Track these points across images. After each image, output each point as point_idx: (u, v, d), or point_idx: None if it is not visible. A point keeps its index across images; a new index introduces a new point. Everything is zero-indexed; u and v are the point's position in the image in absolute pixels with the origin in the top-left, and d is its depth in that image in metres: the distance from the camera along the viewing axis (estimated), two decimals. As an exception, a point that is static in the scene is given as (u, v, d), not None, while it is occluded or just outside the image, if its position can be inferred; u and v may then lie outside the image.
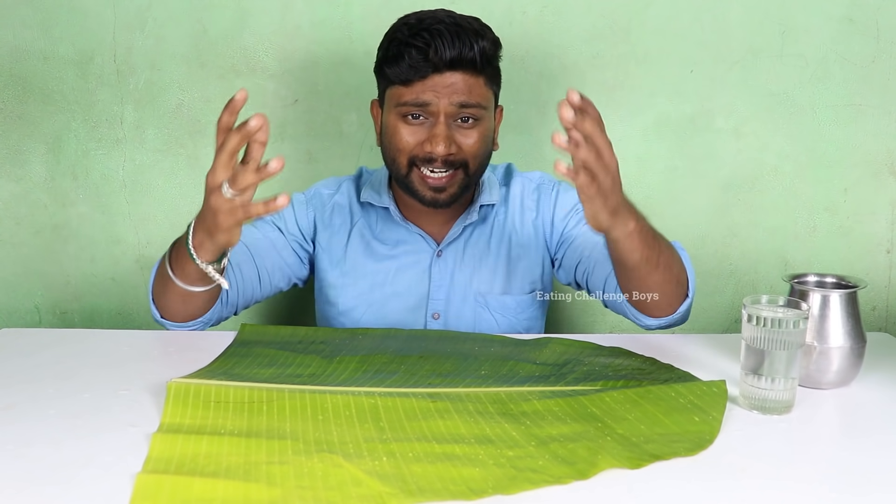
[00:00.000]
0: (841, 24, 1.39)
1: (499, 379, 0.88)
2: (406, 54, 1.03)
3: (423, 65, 1.02)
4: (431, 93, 1.04)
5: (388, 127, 1.08)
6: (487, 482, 0.65)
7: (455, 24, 1.04)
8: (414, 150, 1.06)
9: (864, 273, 1.48)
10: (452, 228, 1.16)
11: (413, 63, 1.03)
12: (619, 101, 1.43)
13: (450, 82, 1.04)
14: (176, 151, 1.44)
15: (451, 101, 1.04)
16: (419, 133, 1.06)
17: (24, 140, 1.43)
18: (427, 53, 1.02)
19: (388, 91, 1.08)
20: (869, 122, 1.43)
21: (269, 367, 0.90)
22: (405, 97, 1.05)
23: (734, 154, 1.45)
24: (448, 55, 1.02)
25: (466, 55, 1.03)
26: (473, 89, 1.05)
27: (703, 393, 0.83)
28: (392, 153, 1.09)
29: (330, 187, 1.21)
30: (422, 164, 1.07)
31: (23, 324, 1.49)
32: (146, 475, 0.65)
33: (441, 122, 1.05)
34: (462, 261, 1.17)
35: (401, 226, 1.16)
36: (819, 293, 0.88)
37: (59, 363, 0.93)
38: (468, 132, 1.07)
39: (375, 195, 1.16)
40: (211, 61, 1.40)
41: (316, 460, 0.68)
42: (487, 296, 1.16)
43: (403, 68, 1.03)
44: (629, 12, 1.40)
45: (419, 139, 1.06)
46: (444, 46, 1.02)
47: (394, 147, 1.08)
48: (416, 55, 1.02)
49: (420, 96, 1.04)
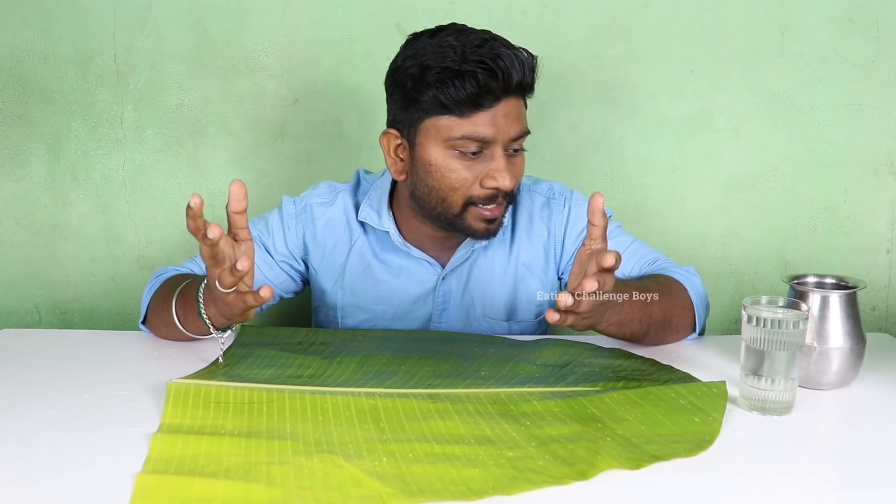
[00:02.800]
0: (841, 24, 1.39)
1: (499, 380, 0.88)
2: (468, 82, 0.92)
3: (490, 96, 0.93)
4: (492, 126, 0.94)
5: (435, 164, 0.97)
6: (487, 483, 0.65)
7: (507, 48, 0.94)
8: (472, 187, 0.97)
9: (864, 273, 1.48)
10: (458, 253, 1.09)
11: (479, 92, 0.92)
12: (619, 101, 1.43)
13: (507, 110, 0.95)
14: (176, 151, 1.44)
15: (510, 133, 0.95)
16: (475, 168, 0.97)
17: (24, 140, 1.43)
18: (497, 79, 0.92)
19: (429, 122, 0.96)
20: (869, 122, 1.43)
21: (269, 367, 0.90)
22: (460, 130, 0.94)
23: (734, 154, 1.45)
24: (515, 80, 0.93)
25: (528, 80, 0.96)
26: (522, 115, 0.98)
27: (703, 394, 0.83)
28: (443, 192, 0.98)
29: (323, 197, 1.12)
30: (481, 202, 0.98)
31: (23, 324, 1.49)
32: (146, 475, 0.65)
33: (501, 155, 0.96)
34: (466, 285, 1.11)
35: (402, 250, 1.09)
36: (819, 294, 0.88)
37: (59, 363, 0.93)
38: (516, 160, 1.00)
39: (374, 215, 1.08)
40: (211, 61, 1.40)
41: (316, 461, 0.68)
42: (493, 322, 1.13)
43: (465, 97, 0.92)
44: (629, 12, 1.40)
45: (476, 175, 0.97)
46: (511, 72, 0.92)
47: (447, 186, 0.97)
48: (482, 83, 0.92)
49: (479, 129, 0.94)
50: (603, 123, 1.44)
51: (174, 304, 0.96)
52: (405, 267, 1.11)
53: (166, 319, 0.97)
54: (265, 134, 1.44)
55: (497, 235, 1.09)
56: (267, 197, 1.45)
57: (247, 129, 1.43)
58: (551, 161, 1.45)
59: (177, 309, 0.95)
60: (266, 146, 1.44)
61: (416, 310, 1.12)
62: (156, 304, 1.01)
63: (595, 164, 1.45)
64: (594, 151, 1.45)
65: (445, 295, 1.12)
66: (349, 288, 1.12)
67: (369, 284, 1.11)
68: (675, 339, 1.03)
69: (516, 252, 1.12)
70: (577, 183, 1.45)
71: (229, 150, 1.44)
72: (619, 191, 1.46)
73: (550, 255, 1.13)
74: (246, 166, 1.45)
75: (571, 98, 1.43)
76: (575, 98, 1.43)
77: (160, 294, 1.01)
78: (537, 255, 1.13)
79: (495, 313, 1.13)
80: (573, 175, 1.45)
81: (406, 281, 1.11)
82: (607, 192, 1.46)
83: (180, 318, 0.95)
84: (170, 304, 0.96)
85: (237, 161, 1.45)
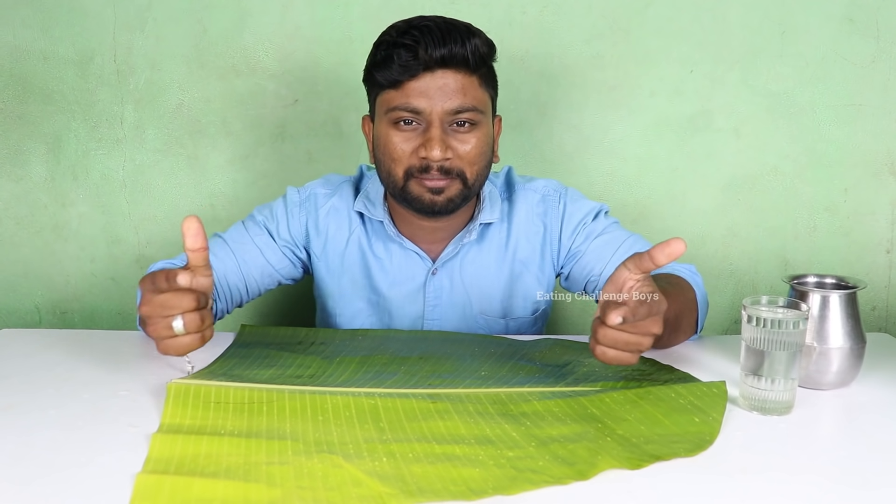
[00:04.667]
0: (841, 24, 1.39)
1: (499, 379, 0.88)
2: (395, 55, 0.97)
3: (414, 63, 0.97)
4: (423, 96, 0.98)
5: (380, 137, 1.02)
6: (487, 483, 0.65)
7: (445, 23, 0.99)
8: (409, 158, 1.00)
9: (864, 273, 1.48)
10: (448, 247, 1.10)
11: (403, 62, 0.97)
12: (619, 101, 1.43)
13: (441, 83, 0.98)
14: (176, 151, 1.44)
15: (445, 104, 0.98)
16: (413, 140, 1.00)
17: (24, 140, 1.43)
18: (416, 51, 0.96)
19: (379, 98, 1.02)
20: (869, 122, 1.43)
21: (269, 367, 0.90)
22: (396, 101, 0.99)
23: (734, 154, 1.45)
24: (438, 52, 0.96)
25: (457, 52, 0.97)
26: (468, 90, 0.99)
27: (703, 394, 0.83)
28: (386, 165, 1.02)
29: (327, 188, 1.14)
30: (417, 174, 1.00)
31: (23, 324, 1.49)
32: (146, 475, 0.65)
33: (435, 126, 0.98)
34: (458, 281, 1.12)
35: (395, 241, 1.10)
36: (819, 294, 0.88)
37: (59, 363, 0.93)
38: (465, 137, 1.00)
39: (370, 205, 1.10)
40: (211, 61, 1.40)
41: (316, 461, 0.68)
42: (489, 319, 1.13)
43: (393, 70, 0.98)
44: (629, 12, 1.40)
45: (413, 146, 1.00)
46: (433, 43, 0.96)
47: (388, 157, 1.01)
48: (406, 54, 0.97)
49: (411, 99, 0.98)
50: (603, 123, 1.44)
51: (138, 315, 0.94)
52: (397, 259, 1.12)
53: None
54: (265, 134, 1.44)
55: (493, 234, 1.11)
56: (267, 197, 1.45)
57: (247, 129, 1.43)
58: (551, 161, 1.45)
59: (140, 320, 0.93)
60: (266, 146, 1.44)
61: (408, 304, 1.12)
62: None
63: (595, 164, 1.45)
64: (594, 151, 1.45)
65: (437, 290, 1.12)
66: (346, 277, 1.13)
67: (365, 274, 1.13)
68: (680, 340, 1.02)
69: (513, 250, 1.13)
70: (577, 183, 1.45)
71: (229, 150, 1.44)
72: (619, 191, 1.46)
73: (547, 252, 1.14)
74: (246, 166, 1.45)
75: (571, 98, 1.43)
76: (575, 98, 1.43)
77: None
78: (534, 251, 1.13)
79: (491, 310, 1.13)
80: (573, 175, 1.45)
81: (398, 273, 1.12)
82: (607, 192, 1.46)
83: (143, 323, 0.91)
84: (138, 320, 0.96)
85: (237, 161, 1.45)
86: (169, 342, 0.81)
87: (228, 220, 1.47)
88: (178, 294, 0.80)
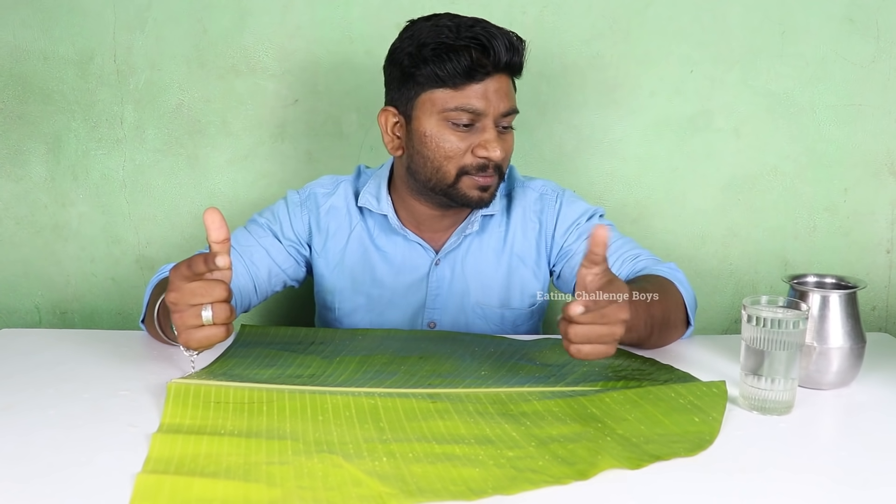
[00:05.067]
0: (841, 24, 1.39)
1: (499, 379, 0.88)
2: (462, 56, 0.98)
3: (481, 69, 0.99)
4: (484, 99, 1.00)
5: (430, 135, 1.03)
6: (487, 482, 0.65)
7: (499, 29, 1.02)
8: (464, 157, 1.03)
9: (864, 273, 1.48)
10: (451, 237, 1.13)
11: (472, 65, 0.99)
12: (619, 101, 1.43)
13: (497, 86, 1.01)
14: (176, 151, 1.44)
15: (500, 108, 1.02)
16: (467, 139, 1.03)
17: (24, 140, 1.43)
18: (489, 55, 0.99)
19: (426, 95, 1.02)
20: (869, 122, 1.43)
21: (269, 367, 0.90)
22: (454, 101, 1.00)
23: (734, 154, 1.45)
24: (505, 58, 1.00)
25: (516, 60, 1.02)
26: (511, 94, 1.04)
27: (702, 393, 0.83)
28: (437, 162, 1.03)
29: (326, 187, 1.17)
30: (473, 172, 1.03)
31: (23, 324, 1.49)
32: (146, 475, 0.65)
33: (492, 128, 1.02)
34: (460, 271, 1.15)
35: (399, 233, 1.13)
36: (819, 293, 0.88)
37: (59, 363, 0.93)
38: (506, 137, 1.05)
39: (373, 200, 1.12)
40: (211, 61, 1.40)
41: (316, 460, 0.68)
42: (486, 308, 1.16)
43: (458, 70, 0.99)
44: (629, 12, 1.40)
45: (468, 145, 1.03)
46: (502, 49, 1.00)
47: (441, 155, 1.03)
48: (476, 57, 0.99)
49: (472, 100, 1.00)
50: (603, 123, 1.44)
51: (157, 307, 0.95)
52: (401, 251, 1.14)
53: (152, 322, 0.97)
54: (265, 134, 1.44)
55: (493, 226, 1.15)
56: (267, 197, 1.45)
57: (247, 129, 1.43)
58: (551, 161, 1.45)
59: (159, 313, 0.94)
60: (266, 146, 1.44)
61: (411, 294, 1.15)
62: (151, 303, 1.00)
63: (595, 164, 1.45)
64: (594, 151, 1.45)
65: (439, 280, 1.14)
66: (347, 272, 1.15)
67: (366, 268, 1.15)
68: (674, 337, 1.04)
69: (510, 243, 1.16)
70: (577, 183, 1.45)
71: (229, 150, 1.44)
72: (619, 191, 1.46)
73: (542, 248, 1.17)
74: (246, 166, 1.45)
75: (571, 98, 1.43)
76: (575, 98, 1.43)
77: (156, 293, 1.01)
78: (530, 247, 1.16)
79: (488, 301, 1.15)
80: (573, 175, 1.45)
81: (401, 265, 1.14)
82: (607, 192, 1.46)
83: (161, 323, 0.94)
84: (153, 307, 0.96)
85: (237, 161, 1.45)
86: (193, 332, 0.80)
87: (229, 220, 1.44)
88: (209, 283, 0.79)
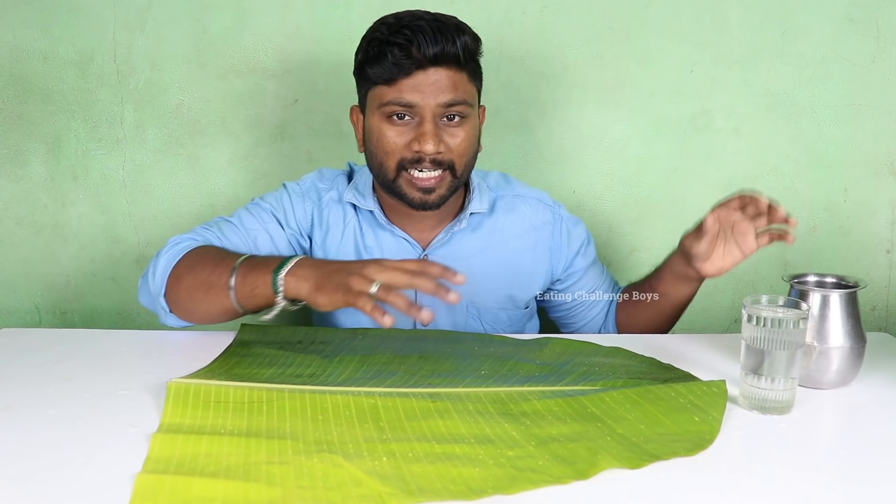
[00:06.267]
0: (841, 24, 1.39)
1: (499, 379, 0.88)
2: (388, 52, 1.00)
3: (407, 62, 1.00)
4: (416, 91, 1.01)
5: (373, 130, 1.05)
6: (487, 482, 0.65)
7: (435, 21, 1.01)
8: (402, 151, 1.04)
9: (864, 273, 1.48)
10: (439, 234, 1.13)
11: (396, 61, 1.00)
12: (619, 101, 1.43)
13: (434, 79, 1.01)
14: (176, 151, 1.44)
15: (437, 99, 1.01)
16: (406, 133, 1.03)
17: (24, 140, 1.43)
18: (410, 50, 0.99)
19: (371, 93, 1.05)
20: (869, 122, 1.43)
21: (268, 366, 0.90)
22: (389, 96, 1.02)
23: (734, 154, 1.45)
24: (431, 51, 0.99)
25: (449, 50, 1.00)
26: (458, 86, 1.03)
27: (702, 393, 0.83)
28: (379, 157, 1.05)
29: (323, 182, 1.17)
30: (410, 166, 1.04)
31: (23, 324, 1.49)
32: (146, 475, 0.65)
33: (428, 121, 1.02)
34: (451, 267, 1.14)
35: (386, 229, 1.13)
36: (819, 293, 0.88)
37: (59, 363, 0.93)
38: (455, 130, 1.04)
39: (360, 197, 1.13)
40: (211, 61, 1.40)
41: (316, 460, 0.68)
42: (480, 308, 1.15)
43: (386, 67, 1.00)
44: (629, 12, 1.40)
45: (406, 140, 1.03)
46: (426, 42, 0.99)
47: (381, 150, 1.05)
48: (399, 53, 0.99)
49: (404, 95, 1.01)
50: (603, 123, 1.44)
51: (235, 271, 0.95)
52: (388, 247, 1.14)
53: (212, 286, 0.96)
54: (265, 134, 1.44)
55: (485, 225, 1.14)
56: (267, 197, 1.45)
57: (247, 129, 1.43)
58: (551, 161, 1.45)
59: (237, 278, 0.95)
60: (266, 146, 1.44)
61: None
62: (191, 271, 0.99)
63: (595, 164, 1.45)
64: (594, 151, 1.45)
65: None
66: None
67: None
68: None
69: (508, 245, 1.16)
70: (577, 183, 1.45)
71: (229, 150, 1.44)
72: (619, 191, 1.46)
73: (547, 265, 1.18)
74: (246, 166, 1.45)
75: (571, 98, 1.43)
76: (575, 98, 1.43)
77: (200, 261, 1.00)
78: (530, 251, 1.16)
79: (483, 301, 1.15)
80: (573, 175, 1.45)
81: None
82: (607, 192, 1.46)
83: (237, 288, 0.95)
84: (224, 270, 0.96)
85: (237, 161, 1.45)
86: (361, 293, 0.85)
87: (228, 220, 1.46)
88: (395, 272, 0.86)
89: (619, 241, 1.47)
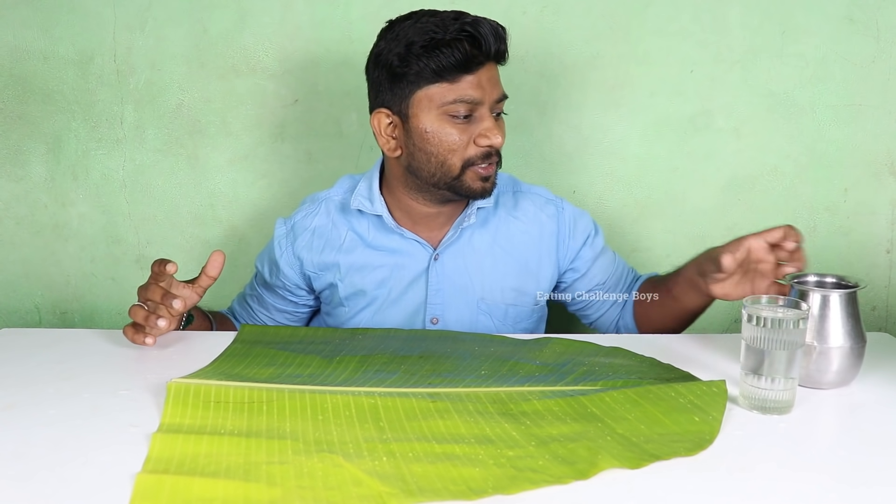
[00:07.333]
0: (841, 24, 1.39)
1: (499, 379, 0.88)
2: (457, 48, 1.00)
3: (475, 58, 1.01)
4: (478, 88, 1.02)
5: (431, 131, 1.03)
6: (487, 482, 0.65)
7: (485, 19, 1.03)
8: (467, 148, 1.04)
9: (864, 273, 1.48)
10: (450, 231, 1.14)
11: (466, 56, 1.00)
12: (619, 101, 1.43)
13: (489, 75, 1.04)
14: (176, 151, 1.44)
15: (493, 95, 1.04)
16: (467, 131, 1.04)
17: (24, 140, 1.43)
18: (481, 46, 1.01)
19: (420, 93, 1.03)
20: (869, 122, 1.43)
21: (268, 367, 0.90)
22: (452, 94, 1.02)
23: (734, 154, 1.45)
24: (496, 47, 1.02)
25: (503, 48, 1.04)
26: (500, 81, 1.06)
27: (703, 393, 0.83)
28: (441, 156, 1.04)
29: (307, 211, 1.17)
30: (478, 161, 1.05)
31: (23, 324, 1.49)
32: (146, 475, 0.65)
33: (490, 116, 1.04)
34: (461, 265, 1.15)
35: (395, 232, 1.13)
36: (819, 293, 0.88)
37: (59, 363, 0.93)
38: (501, 123, 1.08)
39: (367, 202, 1.12)
40: (211, 61, 1.40)
41: (316, 460, 0.68)
42: (490, 304, 1.15)
43: (454, 63, 1.00)
44: (629, 12, 1.40)
45: (469, 136, 1.04)
46: (491, 38, 1.01)
47: (444, 149, 1.04)
48: (470, 47, 1.00)
49: (469, 92, 1.02)
50: (603, 123, 1.44)
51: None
52: (398, 249, 1.14)
53: None
54: (265, 134, 1.44)
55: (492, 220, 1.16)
56: (267, 197, 1.45)
57: (247, 129, 1.44)
58: (551, 161, 1.45)
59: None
60: (266, 146, 1.44)
61: (412, 291, 1.14)
62: None
63: (595, 164, 1.45)
64: (594, 151, 1.45)
65: (439, 276, 1.14)
66: (348, 278, 1.15)
67: (367, 271, 1.14)
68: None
69: (517, 240, 1.16)
70: (577, 183, 1.45)
71: (229, 150, 1.44)
72: (619, 191, 1.46)
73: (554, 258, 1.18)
74: (246, 166, 1.45)
75: (571, 98, 1.43)
76: (575, 98, 1.43)
77: None
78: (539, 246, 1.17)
79: (492, 296, 1.15)
80: (573, 175, 1.45)
81: (401, 263, 1.14)
82: (607, 192, 1.46)
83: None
84: None
85: (237, 161, 1.45)
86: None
87: (228, 220, 1.47)
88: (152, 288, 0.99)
89: (619, 241, 1.47)
